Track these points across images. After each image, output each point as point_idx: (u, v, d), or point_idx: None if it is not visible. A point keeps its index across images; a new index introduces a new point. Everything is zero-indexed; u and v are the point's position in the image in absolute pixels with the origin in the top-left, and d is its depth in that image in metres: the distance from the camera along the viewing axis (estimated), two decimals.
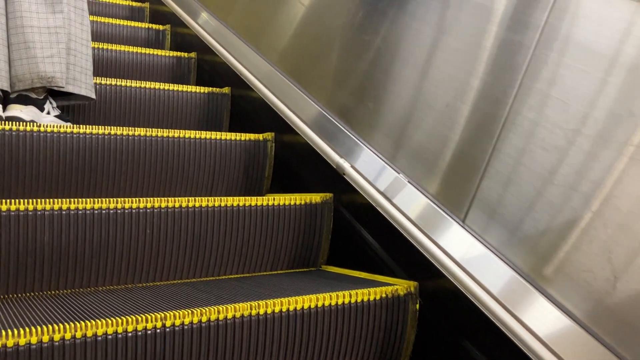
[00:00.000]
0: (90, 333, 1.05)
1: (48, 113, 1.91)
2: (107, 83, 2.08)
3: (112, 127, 1.70)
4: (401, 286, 1.38)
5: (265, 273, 1.62)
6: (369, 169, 1.60)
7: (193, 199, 1.51)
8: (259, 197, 1.61)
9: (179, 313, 1.13)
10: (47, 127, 1.61)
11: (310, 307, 1.26)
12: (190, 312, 1.14)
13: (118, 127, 1.71)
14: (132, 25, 2.91)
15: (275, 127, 1.98)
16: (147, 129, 1.75)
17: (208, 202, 1.52)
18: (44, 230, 1.34)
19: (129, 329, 1.09)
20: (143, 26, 2.95)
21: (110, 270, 1.42)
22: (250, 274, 1.60)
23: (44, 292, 1.36)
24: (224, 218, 1.54)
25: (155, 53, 2.53)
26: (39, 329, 1.02)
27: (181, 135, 1.79)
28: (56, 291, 1.37)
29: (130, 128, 1.73)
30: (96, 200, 1.40)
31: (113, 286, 1.43)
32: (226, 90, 2.31)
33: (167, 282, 1.49)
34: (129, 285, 1.44)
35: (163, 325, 1.11)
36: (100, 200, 1.40)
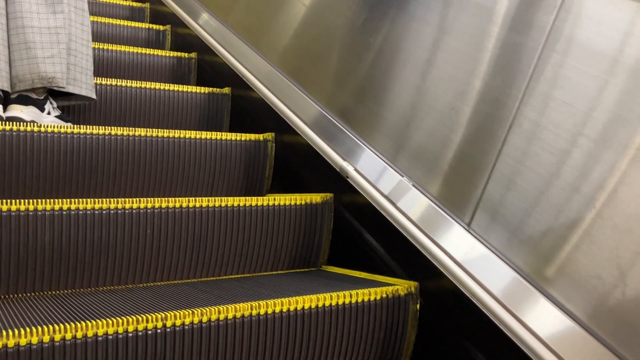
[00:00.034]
0: (90, 333, 1.05)
1: (48, 113, 1.91)
2: (108, 83, 2.08)
3: (112, 128, 1.70)
4: (402, 286, 1.38)
5: (265, 273, 1.62)
6: (372, 171, 1.59)
7: (193, 199, 1.51)
8: (259, 197, 1.61)
9: (180, 313, 1.13)
10: (47, 127, 1.61)
11: (310, 307, 1.26)
12: (191, 312, 1.14)
13: (118, 128, 1.71)
14: (132, 25, 2.91)
15: (275, 128, 1.98)
16: (148, 129, 1.75)
17: (208, 202, 1.52)
18: (44, 231, 1.34)
19: (130, 329, 1.09)
20: (143, 26, 2.95)
21: (111, 270, 1.42)
22: (251, 274, 1.60)
23: (44, 292, 1.36)
24: (224, 218, 1.54)
25: (155, 53, 2.53)
26: (40, 329, 1.02)
27: (181, 136, 1.79)
28: (57, 291, 1.37)
29: (130, 128, 1.73)
30: (97, 200, 1.40)
31: (113, 286, 1.43)
32: (226, 90, 2.31)
33: (168, 282, 1.49)
34: (130, 286, 1.44)
35: (164, 326, 1.11)
36: (100, 200, 1.40)
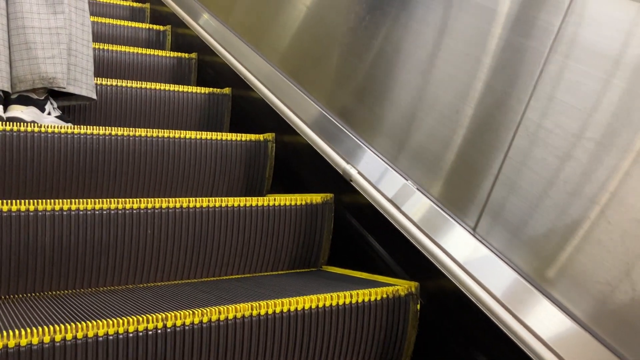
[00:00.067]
0: (91, 333, 1.05)
1: (49, 114, 1.91)
2: (108, 84, 2.09)
3: (112, 128, 1.70)
4: (402, 286, 1.38)
5: (266, 273, 1.62)
6: (376, 175, 1.57)
7: (194, 199, 1.51)
8: (259, 198, 1.61)
9: (180, 314, 1.13)
10: (48, 127, 1.61)
11: (311, 307, 1.26)
12: (192, 312, 1.14)
13: (119, 128, 1.71)
14: (132, 25, 2.91)
15: (276, 128, 1.98)
16: (148, 130, 1.75)
17: (209, 202, 1.52)
18: (45, 231, 1.34)
19: (130, 329, 1.09)
20: (144, 27, 2.95)
21: (111, 270, 1.42)
22: (251, 274, 1.60)
23: (45, 293, 1.36)
24: (224, 218, 1.54)
25: (156, 54, 2.53)
26: (40, 329, 1.02)
27: (182, 136, 1.79)
28: (57, 291, 1.37)
29: (131, 129, 1.73)
30: (97, 200, 1.40)
31: (114, 286, 1.43)
32: (227, 90, 2.31)
33: (168, 282, 1.49)
34: (130, 286, 1.44)
35: (164, 326, 1.11)
36: (101, 200, 1.40)
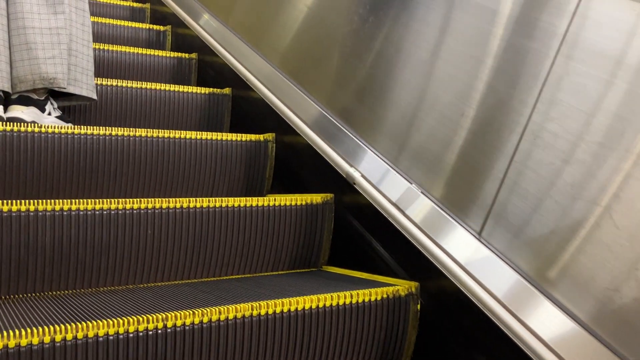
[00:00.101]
0: (91, 334, 1.05)
1: (49, 114, 1.91)
2: (108, 84, 2.09)
3: (113, 128, 1.70)
4: (402, 286, 1.38)
5: (266, 273, 1.62)
6: (380, 177, 1.56)
7: (194, 199, 1.51)
8: (259, 198, 1.61)
9: (180, 314, 1.13)
10: (48, 128, 1.61)
11: (311, 307, 1.26)
12: (192, 312, 1.14)
13: (119, 128, 1.71)
14: (133, 26, 2.91)
15: (276, 128, 1.97)
16: (148, 130, 1.75)
17: (209, 202, 1.52)
18: (45, 231, 1.34)
19: (130, 329, 1.09)
20: (144, 27, 2.95)
21: (112, 270, 1.42)
22: (251, 275, 1.60)
23: (45, 293, 1.36)
24: (225, 218, 1.54)
25: (156, 54, 2.53)
26: (41, 329, 1.02)
27: (182, 136, 1.79)
28: (57, 292, 1.37)
29: (131, 129, 1.73)
30: (97, 200, 1.40)
31: (114, 287, 1.43)
32: (227, 91, 2.31)
33: (168, 282, 1.49)
34: (130, 286, 1.44)
35: (164, 326, 1.11)
36: (101, 200, 1.40)
